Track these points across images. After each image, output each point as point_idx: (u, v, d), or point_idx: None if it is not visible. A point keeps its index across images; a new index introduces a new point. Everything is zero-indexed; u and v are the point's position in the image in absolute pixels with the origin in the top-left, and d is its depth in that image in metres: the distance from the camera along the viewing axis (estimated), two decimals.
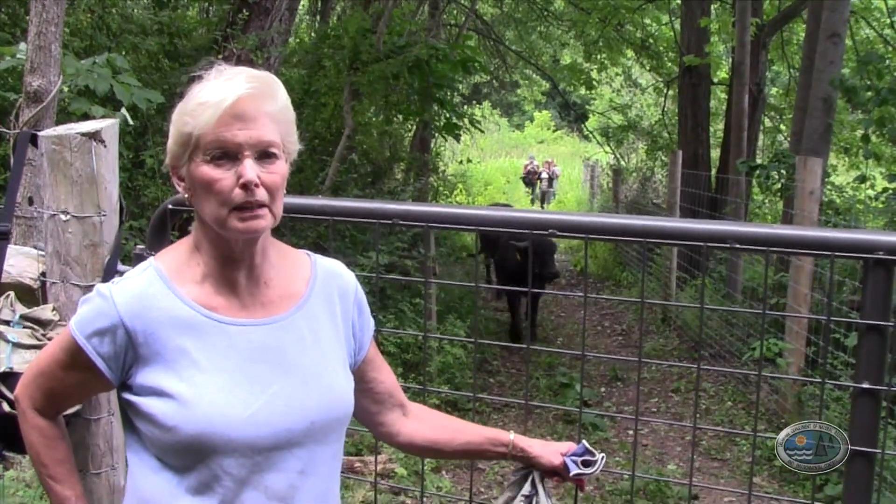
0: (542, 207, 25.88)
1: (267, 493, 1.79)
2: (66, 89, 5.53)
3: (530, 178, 28.63)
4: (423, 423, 2.19)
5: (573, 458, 2.16)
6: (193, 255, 1.85)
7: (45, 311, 2.30)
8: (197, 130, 1.72)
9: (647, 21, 18.31)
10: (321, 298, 1.95)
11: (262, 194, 1.73)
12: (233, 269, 1.83)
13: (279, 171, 1.77)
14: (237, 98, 1.71)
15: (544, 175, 27.95)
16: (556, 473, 2.19)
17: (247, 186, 1.71)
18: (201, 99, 1.73)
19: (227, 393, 1.76)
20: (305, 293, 1.93)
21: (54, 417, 1.93)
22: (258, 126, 1.73)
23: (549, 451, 2.18)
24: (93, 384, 1.86)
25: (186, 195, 1.81)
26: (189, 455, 1.75)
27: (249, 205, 1.73)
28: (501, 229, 2.40)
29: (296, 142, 1.86)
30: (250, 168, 1.72)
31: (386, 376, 2.15)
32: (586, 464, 2.15)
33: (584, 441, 2.19)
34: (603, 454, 2.18)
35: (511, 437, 2.18)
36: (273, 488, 1.79)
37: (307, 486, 1.84)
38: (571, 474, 2.15)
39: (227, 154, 1.72)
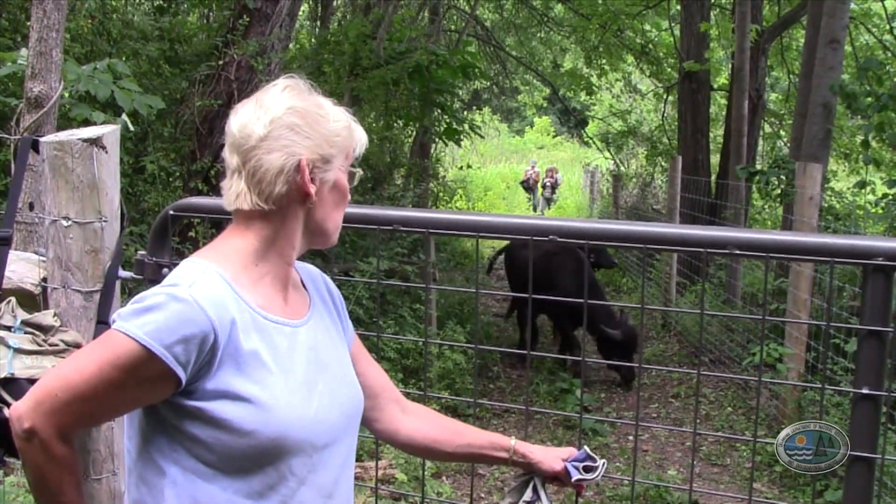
0: (543, 213, 25.88)
1: (320, 490, 1.81)
2: (67, 95, 5.53)
3: (529, 184, 28.61)
4: (423, 421, 2.20)
5: (574, 463, 2.16)
6: (254, 258, 1.82)
7: (46, 317, 2.30)
8: (357, 146, 1.90)
9: (647, 27, 18.35)
10: (318, 299, 2.00)
11: None
12: (287, 272, 1.88)
13: None
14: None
15: (547, 182, 27.93)
16: (557, 479, 2.19)
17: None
18: (349, 122, 1.89)
19: (295, 394, 1.77)
20: (310, 295, 1.98)
21: (73, 441, 1.77)
22: None
23: (551, 456, 2.19)
24: (152, 396, 1.73)
25: (315, 197, 1.81)
26: (259, 459, 1.72)
27: None
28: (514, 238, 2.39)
29: None
30: None
31: (374, 370, 2.16)
32: (587, 469, 2.16)
33: (586, 447, 2.19)
34: (604, 460, 2.18)
35: (512, 442, 2.19)
36: (323, 484, 1.82)
37: (344, 479, 1.89)
38: (573, 480, 2.15)
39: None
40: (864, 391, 2.04)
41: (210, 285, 1.72)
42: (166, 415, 1.73)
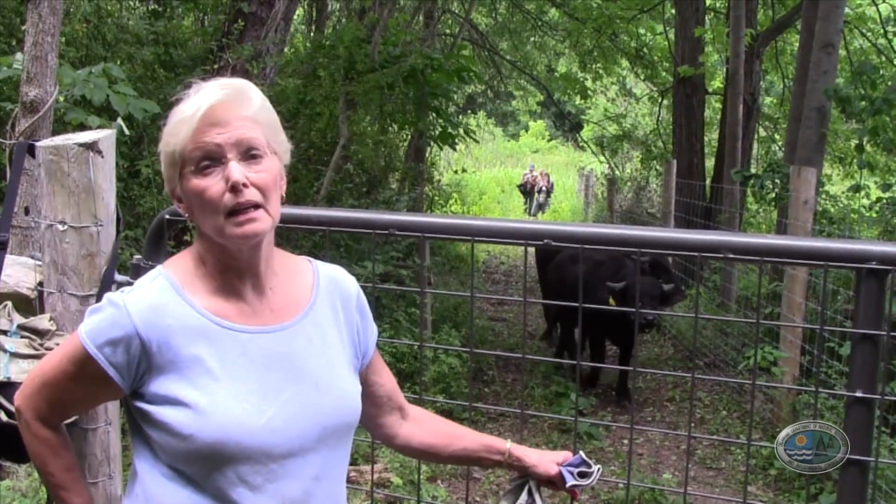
0: (537, 218, 25.89)
1: (283, 500, 1.80)
2: (62, 99, 5.53)
3: (527, 188, 28.62)
4: (420, 426, 2.22)
5: (569, 468, 2.17)
6: (200, 266, 1.86)
7: (42, 321, 2.30)
8: (179, 146, 1.76)
9: (642, 31, 18.35)
10: (326, 304, 1.97)
11: (252, 194, 1.75)
12: (238, 278, 1.85)
13: (267, 169, 1.79)
14: (209, 106, 1.74)
15: (543, 186, 27.94)
16: (552, 483, 2.20)
17: (235, 188, 1.73)
18: (179, 116, 1.78)
19: (242, 400, 1.77)
20: (311, 299, 1.95)
21: (58, 426, 1.93)
22: (235, 128, 1.76)
23: (546, 460, 2.20)
24: (102, 393, 1.87)
25: (186, 214, 1.84)
26: (204, 463, 1.75)
27: (241, 206, 1.74)
28: (498, 240, 2.40)
29: (284, 141, 1.88)
30: (236, 169, 1.74)
31: (386, 380, 2.17)
32: (582, 475, 2.16)
33: (581, 452, 2.19)
34: (599, 466, 2.19)
35: (508, 445, 2.20)
36: (289, 495, 1.80)
37: (320, 492, 1.86)
38: (567, 485, 2.16)
39: (211, 160, 1.75)
40: (858, 394, 2.05)
41: (149, 292, 1.80)
42: (135, 415, 1.83)
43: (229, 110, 1.76)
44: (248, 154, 1.77)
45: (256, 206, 1.76)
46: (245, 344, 1.81)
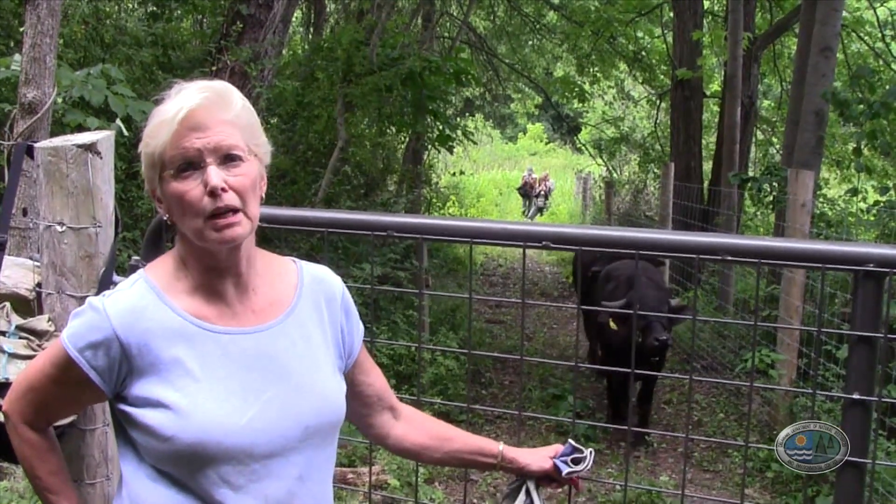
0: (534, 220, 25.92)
1: (267, 500, 1.80)
2: (60, 100, 5.53)
3: (526, 190, 28.65)
4: (413, 427, 2.22)
5: (563, 458, 2.18)
6: (181, 268, 1.86)
7: (40, 322, 2.30)
8: (158, 149, 1.77)
9: (640, 34, 18.37)
10: (309, 304, 1.97)
11: (230, 198, 1.76)
12: (220, 279, 1.85)
13: (246, 172, 1.80)
14: (189, 110, 1.75)
15: (541, 190, 27.96)
16: (550, 478, 2.21)
17: (214, 192, 1.75)
18: (158, 118, 1.79)
19: (223, 401, 1.77)
20: (294, 299, 1.95)
21: (45, 430, 1.94)
22: (215, 133, 1.77)
23: (538, 456, 2.21)
24: (86, 397, 1.88)
25: (166, 216, 1.85)
26: (187, 464, 1.76)
27: (220, 211, 1.76)
28: (491, 242, 2.40)
29: (264, 142, 1.89)
30: (214, 174, 1.75)
31: (375, 379, 2.17)
32: (576, 462, 2.17)
33: (570, 440, 2.20)
34: (591, 449, 2.19)
35: (500, 447, 2.21)
36: (272, 496, 1.81)
37: (305, 491, 1.86)
38: (563, 474, 2.16)
39: (191, 164, 1.76)
40: (855, 396, 2.06)
41: (129, 295, 1.81)
42: (119, 418, 1.84)
43: (209, 114, 1.77)
44: (227, 158, 1.78)
45: (235, 210, 1.77)
46: (225, 345, 1.82)
